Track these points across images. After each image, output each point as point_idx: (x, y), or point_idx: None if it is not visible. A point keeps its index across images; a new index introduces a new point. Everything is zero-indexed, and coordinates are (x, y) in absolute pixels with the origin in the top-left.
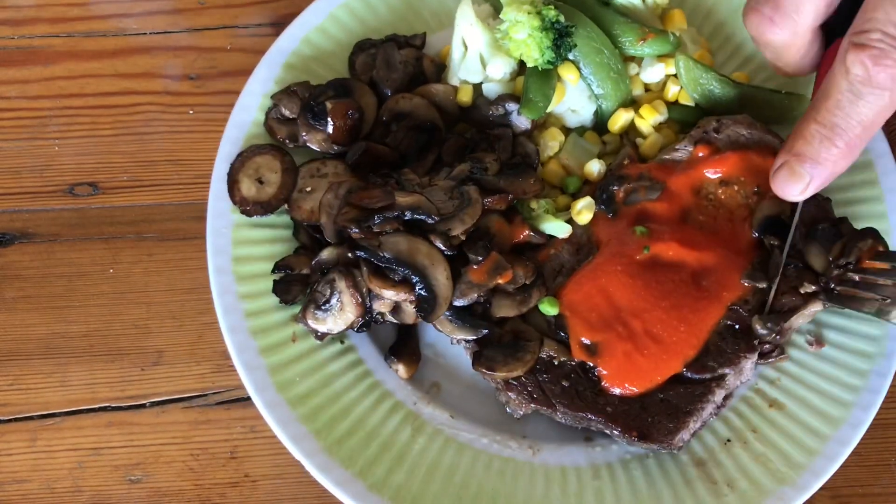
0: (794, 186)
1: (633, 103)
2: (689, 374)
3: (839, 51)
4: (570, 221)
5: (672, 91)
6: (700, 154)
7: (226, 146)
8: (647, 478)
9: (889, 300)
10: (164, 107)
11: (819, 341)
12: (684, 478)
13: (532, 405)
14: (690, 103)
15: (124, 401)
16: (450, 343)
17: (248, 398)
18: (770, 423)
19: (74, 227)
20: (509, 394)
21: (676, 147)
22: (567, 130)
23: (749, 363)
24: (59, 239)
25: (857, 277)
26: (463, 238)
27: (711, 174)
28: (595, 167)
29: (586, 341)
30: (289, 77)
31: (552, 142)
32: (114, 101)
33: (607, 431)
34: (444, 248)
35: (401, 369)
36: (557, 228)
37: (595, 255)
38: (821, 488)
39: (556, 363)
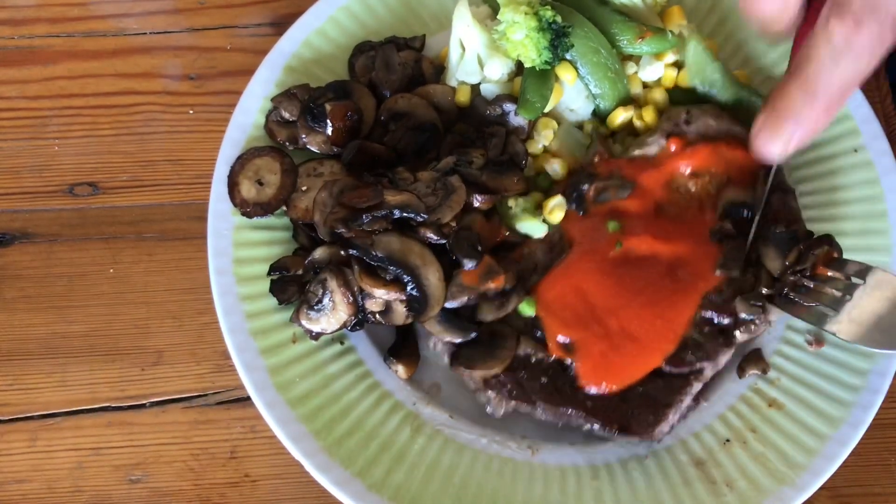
0: (776, 145)
1: (631, 102)
2: (667, 368)
3: (820, 17)
4: (543, 221)
5: (669, 78)
6: (672, 147)
7: (227, 148)
8: (646, 478)
9: (829, 308)
10: (164, 107)
11: (819, 340)
12: (683, 478)
13: (512, 403)
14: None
15: (124, 401)
16: (429, 346)
17: (248, 398)
18: (769, 422)
19: (74, 227)
20: (488, 392)
21: (647, 141)
22: None
23: (726, 357)
24: (59, 239)
25: (811, 284)
26: (454, 225)
27: (683, 167)
28: (555, 167)
29: (563, 339)
30: (289, 79)
31: (545, 130)
32: (114, 101)
33: (587, 426)
34: (436, 238)
35: (400, 370)
36: (534, 228)
37: (568, 254)
38: (821, 488)
39: (533, 360)
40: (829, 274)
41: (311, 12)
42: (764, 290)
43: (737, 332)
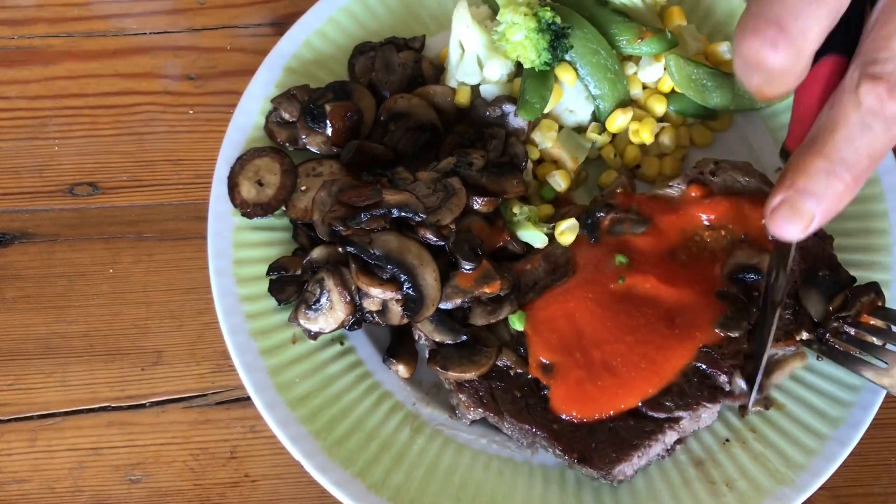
0: (796, 225)
1: (631, 103)
2: (643, 409)
3: (847, 80)
4: (551, 239)
5: (668, 83)
6: (693, 194)
7: (227, 149)
8: (646, 478)
9: (871, 356)
10: (164, 107)
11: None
12: (683, 478)
13: (480, 409)
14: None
15: (124, 401)
16: (415, 337)
17: (248, 398)
18: (769, 422)
19: (74, 227)
20: (460, 395)
21: (671, 183)
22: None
23: (708, 412)
24: (59, 239)
25: (852, 331)
26: (453, 228)
27: (700, 217)
28: (557, 179)
29: (544, 361)
30: (289, 80)
31: (549, 132)
32: (114, 101)
33: (549, 449)
34: (434, 239)
35: (401, 369)
36: (534, 237)
37: (569, 278)
38: (820, 488)
39: (511, 373)
40: (873, 322)
41: (311, 13)
42: (804, 335)
43: (722, 397)
